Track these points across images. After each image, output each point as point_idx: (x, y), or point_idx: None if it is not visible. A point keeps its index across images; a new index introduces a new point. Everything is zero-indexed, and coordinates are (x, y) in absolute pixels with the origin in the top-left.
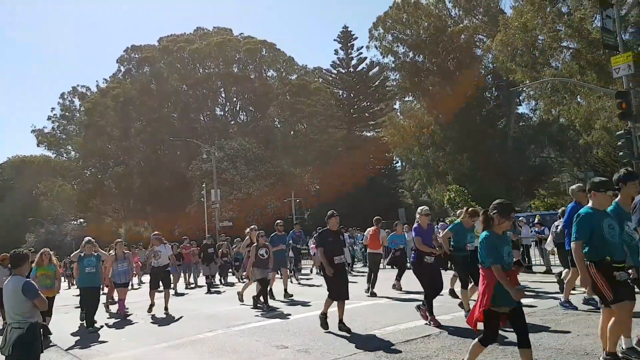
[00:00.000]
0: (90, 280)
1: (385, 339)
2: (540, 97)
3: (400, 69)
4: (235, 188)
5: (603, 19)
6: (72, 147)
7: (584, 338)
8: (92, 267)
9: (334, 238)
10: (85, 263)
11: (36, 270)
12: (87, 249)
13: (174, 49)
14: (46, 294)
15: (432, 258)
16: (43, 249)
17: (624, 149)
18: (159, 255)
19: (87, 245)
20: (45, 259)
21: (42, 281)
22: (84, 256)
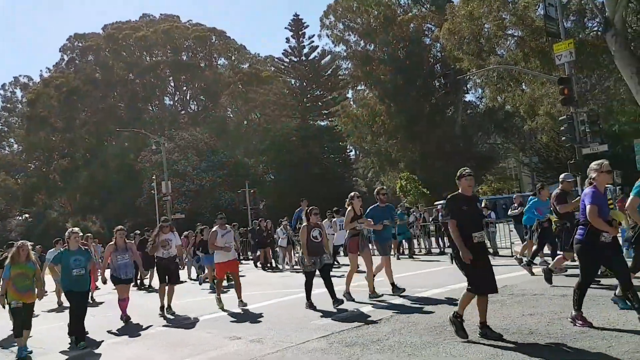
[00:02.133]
0: (78, 283)
1: (338, 325)
2: (486, 85)
3: (351, 58)
4: (187, 179)
5: (546, 7)
6: (14, 140)
7: (528, 318)
8: (80, 268)
9: (469, 206)
10: (71, 262)
11: (10, 268)
12: (72, 243)
13: (119, 37)
14: (24, 299)
15: (609, 236)
16: (20, 242)
17: (567, 134)
18: (169, 244)
19: (73, 238)
20: (22, 254)
21: (18, 282)
22: (69, 253)
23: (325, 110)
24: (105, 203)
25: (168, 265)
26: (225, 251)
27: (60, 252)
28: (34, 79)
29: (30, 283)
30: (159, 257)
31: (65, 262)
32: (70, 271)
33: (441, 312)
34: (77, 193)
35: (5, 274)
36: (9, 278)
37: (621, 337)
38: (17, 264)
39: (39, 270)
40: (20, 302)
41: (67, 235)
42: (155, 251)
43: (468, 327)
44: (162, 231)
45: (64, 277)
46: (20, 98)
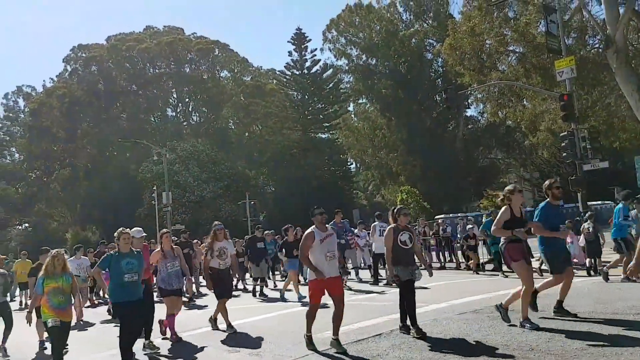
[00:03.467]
0: (131, 290)
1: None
2: (487, 100)
3: (353, 72)
4: (188, 190)
5: (547, 24)
6: (16, 149)
7: (529, 334)
8: (133, 273)
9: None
10: (123, 266)
11: (43, 281)
12: (123, 245)
13: (122, 48)
14: (59, 316)
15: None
16: (55, 251)
17: (567, 150)
18: (225, 253)
19: (123, 238)
20: (58, 265)
21: (53, 298)
22: (119, 255)
23: (326, 123)
24: (106, 213)
25: (224, 277)
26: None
27: (109, 256)
28: (36, 89)
29: (64, 300)
30: (214, 268)
31: (115, 267)
32: (121, 277)
33: (441, 327)
34: (78, 203)
35: (38, 288)
36: (42, 293)
37: (621, 354)
38: (52, 276)
39: (76, 283)
40: (58, 320)
41: (116, 236)
42: (209, 262)
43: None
44: (217, 238)
45: (114, 285)
46: (23, 107)
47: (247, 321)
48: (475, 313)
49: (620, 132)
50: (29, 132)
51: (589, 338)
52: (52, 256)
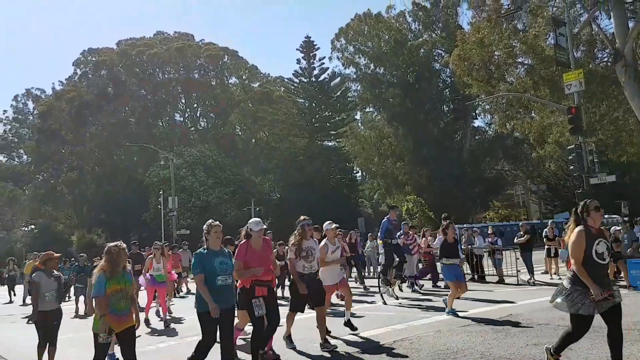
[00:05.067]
0: (224, 295)
1: (341, 349)
2: (495, 111)
3: (361, 80)
4: (194, 195)
5: (556, 37)
6: (24, 151)
7: (532, 348)
8: (227, 275)
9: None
10: (216, 266)
11: (106, 282)
12: (214, 240)
13: (132, 53)
14: (121, 324)
15: None
16: (116, 244)
17: (575, 163)
18: (312, 255)
19: (214, 232)
20: (121, 261)
21: (114, 302)
22: (209, 253)
23: (333, 131)
24: (112, 217)
25: (310, 284)
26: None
27: (200, 254)
28: (46, 92)
29: (126, 304)
30: (298, 271)
31: (208, 267)
32: (214, 279)
33: (444, 339)
34: (84, 206)
35: (98, 290)
36: (104, 295)
37: None
38: (114, 277)
39: (135, 284)
40: (111, 337)
41: (205, 229)
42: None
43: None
44: (305, 236)
45: (208, 283)
46: (32, 110)
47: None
48: (479, 325)
49: (628, 146)
50: (37, 134)
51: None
52: (117, 249)
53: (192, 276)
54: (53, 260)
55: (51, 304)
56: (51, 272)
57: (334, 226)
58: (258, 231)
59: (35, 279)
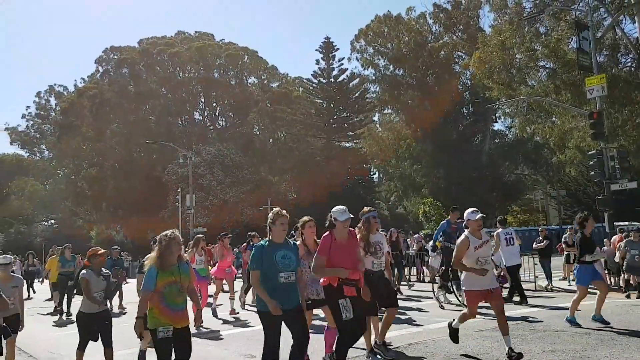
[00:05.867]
0: (288, 295)
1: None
2: (515, 115)
3: (380, 82)
4: (211, 194)
5: (579, 40)
6: (45, 146)
7: (549, 354)
8: (290, 272)
9: None
10: (278, 261)
11: (157, 274)
12: (279, 231)
13: (154, 52)
14: (177, 322)
15: None
16: (166, 233)
17: (596, 169)
18: (380, 250)
19: (282, 223)
20: (176, 251)
21: (169, 296)
22: (271, 246)
23: (350, 132)
24: (130, 213)
25: (377, 283)
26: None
27: (260, 247)
28: (68, 89)
29: (184, 298)
30: (367, 269)
31: (267, 262)
32: (275, 275)
33: (460, 343)
34: (103, 202)
35: (148, 284)
36: (153, 289)
37: None
38: (167, 269)
39: (194, 276)
40: (171, 329)
41: (270, 218)
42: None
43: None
44: (372, 230)
45: (265, 286)
46: (54, 106)
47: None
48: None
49: None
50: (59, 130)
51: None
52: (169, 238)
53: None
54: (98, 257)
55: (99, 305)
56: (99, 270)
57: (479, 216)
58: (344, 221)
59: (85, 276)
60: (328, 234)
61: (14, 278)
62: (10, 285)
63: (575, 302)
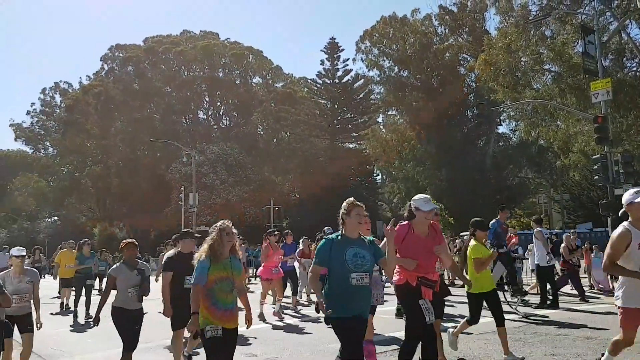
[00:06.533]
0: (361, 301)
1: None
2: (520, 118)
3: (384, 83)
4: (215, 193)
5: (585, 44)
6: (50, 143)
7: (550, 358)
8: (363, 272)
9: None
10: (348, 260)
11: (208, 268)
12: (353, 224)
13: (159, 50)
14: (227, 322)
15: None
16: (220, 222)
17: (599, 173)
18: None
19: (357, 214)
20: (228, 243)
21: (219, 293)
22: (342, 241)
23: (354, 133)
24: (133, 211)
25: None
26: None
27: (329, 240)
28: (73, 86)
29: (234, 296)
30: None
31: (336, 260)
32: (345, 277)
33: (461, 346)
34: (107, 199)
35: (199, 277)
36: (204, 284)
37: None
38: (219, 262)
39: (245, 272)
40: (220, 329)
41: (344, 208)
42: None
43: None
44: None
45: (332, 289)
46: (59, 103)
47: (266, 326)
48: (495, 333)
49: None
50: (64, 127)
51: None
52: (219, 229)
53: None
54: (131, 249)
55: (133, 302)
56: (134, 264)
57: None
58: (428, 212)
59: (113, 273)
60: (405, 224)
61: (28, 272)
62: (25, 279)
63: None
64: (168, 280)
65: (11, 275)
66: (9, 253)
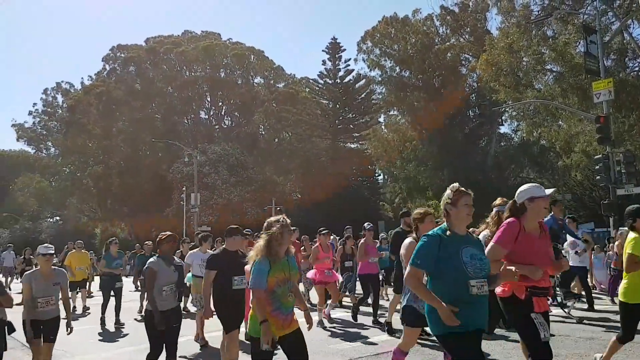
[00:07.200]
0: (480, 313)
1: (356, 351)
2: (522, 118)
3: (386, 83)
4: (216, 193)
5: (587, 44)
6: (52, 143)
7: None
8: (481, 279)
9: None
10: (466, 262)
11: (269, 270)
12: (459, 216)
13: (160, 50)
14: (287, 327)
15: None
16: (277, 218)
17: (601, 173)
18: None
19: (466, 204)
20: (287, 239)
21: (281, 295)
22: (453, 238)
23: (356, 133)
24: (135, 211)
25: None
26: None
27: (434, 237)
28: (75, 86)
29: (291, 302)
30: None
31: (448, 262)
32: (464, 283)
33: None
34: (109, 199)
35: (260, 281)
36: (265, 288)
37: None
38: (279, 261)
39: (298, 272)
40: (277, 338)
41: (449, 198)
42: None
43: None
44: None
45: (444, 297)
46: (61, 103)
47: None
48: (497, 333)
49: None
50: (65, 127)
51: None
52: (282, 224)
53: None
54: (169, 243)
55: (169, 302)
56: (170, 259)
57: None
58: (546, 198)
59: (152, 265)
60: (513, 221)
61: (55, 272)
62: (53, 281)
63: None
64: (211, 280)
65: (38, 276)
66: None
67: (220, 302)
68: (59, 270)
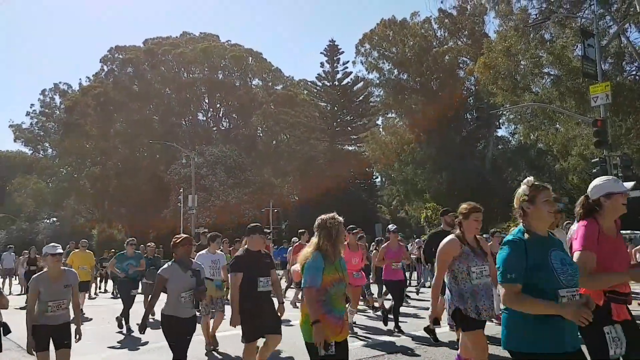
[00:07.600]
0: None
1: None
2: (519, 121)
3: (384, 86)
4: (214, 195)
5: (584, 48)
6: (49, 144)
7: None
8: (574, 288)
9: None
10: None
11: (324, 268)
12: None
13: (158, 52)
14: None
15: None
16: (332, 215)
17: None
18: None
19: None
20: (341, 240)
21: (336, 298)
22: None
23: (354, 135)
24: (132, 212)
25: None
26: None
27: (517, 243)
28: (73, 87)
29: (342, 306)
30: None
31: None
32: (553, 293)
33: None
34: (106, 200)
35: (314, 279)
36: (319, 286)
37: None
38: (333, 260)
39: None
40: (334, 344)
41: (525, 193)
42: None
43: None
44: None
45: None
46: (59, 104)
47: None
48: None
49: None
50: (63, 128)
51: None
52: (334, 221)
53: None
54: (184, 246)
55: (185, 309)
56: (187, 263)
57: None
58: (625, 194)
59: (163, 273)
60: (592, 222)
61: (65, 274)
62: (63, 283)
63: None
64: (238, 283)
65: (45, 279)
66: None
67: (241, 306)
68: (69, 271)
